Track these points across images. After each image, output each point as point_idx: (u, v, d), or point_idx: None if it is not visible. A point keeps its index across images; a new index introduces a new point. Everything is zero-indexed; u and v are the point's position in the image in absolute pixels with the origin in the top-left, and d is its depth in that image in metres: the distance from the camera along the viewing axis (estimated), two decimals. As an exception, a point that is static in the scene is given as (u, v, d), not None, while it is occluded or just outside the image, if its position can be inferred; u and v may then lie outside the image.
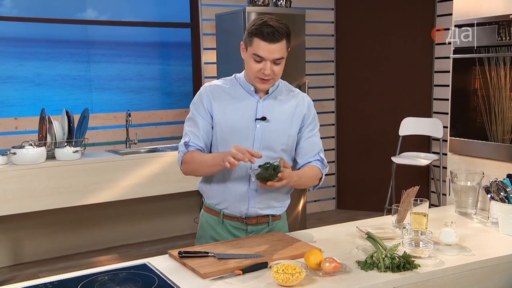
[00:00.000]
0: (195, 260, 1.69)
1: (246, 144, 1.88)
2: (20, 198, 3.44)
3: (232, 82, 1.97)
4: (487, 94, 2.28)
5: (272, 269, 1.55)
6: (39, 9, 4.32)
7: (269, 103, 1.93)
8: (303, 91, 4.42)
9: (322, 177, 2.02)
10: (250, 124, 1.90)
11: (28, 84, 4.40)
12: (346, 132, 5.29)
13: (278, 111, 1.93)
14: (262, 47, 1.80)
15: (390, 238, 1.93)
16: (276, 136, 1.92)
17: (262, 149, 1.90)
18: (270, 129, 1.91)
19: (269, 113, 1.91)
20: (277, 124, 1.92)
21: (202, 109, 1.93)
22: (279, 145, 1.93)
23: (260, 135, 1.90)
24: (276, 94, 1.95)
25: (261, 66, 1.82)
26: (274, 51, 1.80)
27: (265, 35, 1.79)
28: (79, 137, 3.77)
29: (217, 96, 1.93)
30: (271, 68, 1.82)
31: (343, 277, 1.60)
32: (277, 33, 1.80)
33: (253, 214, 1.96)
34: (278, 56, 1.82)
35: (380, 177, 4.93)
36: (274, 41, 1.80)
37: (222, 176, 1.93)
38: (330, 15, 5.19)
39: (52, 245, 3.97)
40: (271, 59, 1.81)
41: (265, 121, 1.90)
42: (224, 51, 4.49)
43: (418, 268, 1.65)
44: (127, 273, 1.59)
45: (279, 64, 1.84)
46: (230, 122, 1.90)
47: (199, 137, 1.92)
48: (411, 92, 5.04)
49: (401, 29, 5.00)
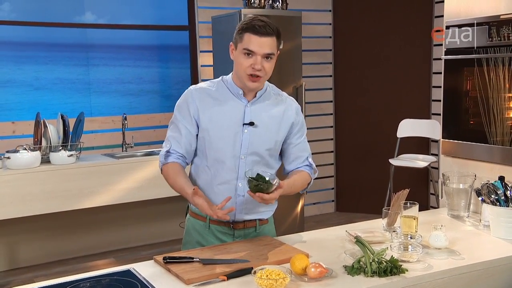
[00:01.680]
0: (180, 265, 1.68)
1: (233, 149, 1.86)
2: (15, 202, 3.44)
3: (219, 84, 1.94)
4: (479, 96, 2.25)
5: (256, 275, 1.53)
6: (37, 13, 4.32)
7: (257, 107, 1.91)
8: (300, 93, 4.47)
9: (310, 182, 2.01)
10: (238, 129, 1.87)
11: (26, 88, 4.41)
12: (345, 134, 5.27)
13: (266, 116, 1.91)
14: (253, 40, 1.78)
15: (379, 242, 1.91)
16: (263, 141, 1.90)
17: (249, 154, 1.88)
18: (258, 134, 1.89)
19: (257, 117, 1.89)
20: (265, 129, 1.90)
21: (187, 114, 1.89)
22: (265, 150, 1.91)
23: (247, 140, 1.88)
24: (264, 98, 1.93)
25: (251, 61, 1.80)
26: (265, 45, 1.79)
27: (256, 28, 1.78)
28: (74, 141, 3.77)
29: (203, 100, 1.89)
30: (261, 63, 1.80)
31: (329, 282, 1.58)
32: (268, 27, 1.80)
33: (240, 219, 1.94)
34: (269, 50, 1.80)
35: (379, 179, 4.90)
36: (265, 35, 1.78)
37: (210, 181, 1.91)
38: (328, 17, 5.17)
39: (48, 250, 3.97)
40: (262, 53, 1.79)
41: (252, 126, 1.88)
42: (220, 54, 4.48)
43: (406, 273, 1.63)
44: (110, 280, 1.57)
45: (269, 61, 1.82)
46: (217, 127, 1.87)
47: (180, 144, 1.90)
48: (410, 93, 5.01)
49: (399, 30, 4.97)
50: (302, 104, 4.40)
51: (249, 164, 1.88)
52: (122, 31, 4.66)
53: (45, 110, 4.12)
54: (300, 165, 1.99)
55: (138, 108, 4.72)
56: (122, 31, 4.66)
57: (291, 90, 4.40)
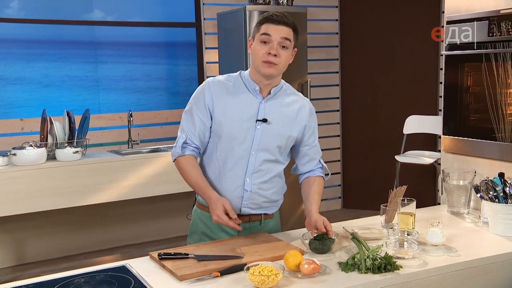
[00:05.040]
0: (175, 262, 1.69)
1: (245, 145, 1.89)
2: (21, 199, 3.48)
3: (236, 79, 1.95)
4: (480, 92, 2.22)
5: (249, 271, 1.54)
6: (46, 11, 4.36)
7: (272, 104, 1.93)
8: (305, 90, 4.46)
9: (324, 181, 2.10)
10: (251, 125, 1.89)
11: (36, 85, 4.45)
12: (351, 131, 5.24)
13: (280, 113, 1.93)
14: (271, 28, 1.83)
15: (376, 238, 1.91)
16: (274, 138, 1.92)
17: (260, 150, 1.90)
18: (270, 131, 1.91)
19: (271, 114, 1.91)
20: (277, 126, 1.92)
21: (202, 105, 1.91)
22: (276, 147, 1.93)
23: (259, 137, 1.90)
24: (279, 95, 1.95)
25: (267, 48, 1.83)
26: (282, 31, 1.82)
27: (274, 17, 1.84)
28: (80, 138, 3.80)
29: (219, 93, 1.91)
30: (277, 50, 1.82)
31: (322, 278, 1.58)
32: (286, 18, 1.85)
33: (246, 213, 1.96)
34: (286, 35, 1.83)
35: (386, 176, 4.88)
36: (282, 23, 1.84)
37: (218, 175, 1.93)
38: (335, 12, 5.15)
39: (55, 246, 4.01)
40: (278, 39, 1.82)
41: (266, 123, 1.90)
42: (225, 50, 4.49)
43: (400, 269, 1.62)
44: (104, 275, 1.59)
45: (285, 50, 1.84)
46: (230, 121, 1.89)
47: (195, 135, 1.94)
48: (417, 89, 4.97)
49: (407, 26, 4.93)
50: (307, 100, 4.39)
51: (259, 160, 1.90)
52: (130, 28, 4.69)
53: (53, 107, 4.15)
54: (314, 167, 2.06)
55: (146, 105, 4.75)
56: (130, 28, 4.68)
57: (297, 87, 4.39)
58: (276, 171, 1.97)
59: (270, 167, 1.94)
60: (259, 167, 1.92)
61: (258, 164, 1.91)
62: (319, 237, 1.80)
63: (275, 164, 1.95)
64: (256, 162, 1.90)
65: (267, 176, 1.95)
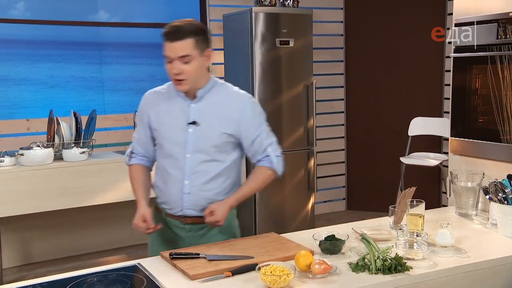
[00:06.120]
0: (186, 261, 1.70)
1: (180, 148, 1.94)
2: (28, 198, 3.49)
3: (169, 86, 2.02)
4: (489, 94, 2.23)
5: (261, 271, 1.55)
6: (51, 12, 4.37)
7: (200, 105, 1.94)
8: (310, 91, 4.47)
9: (275, 169, 2.01)
10: (183, 128, 1.94)
11: (41, 86, 4.46)
12: (356, 133, 5.25)
13: (210, 113, 1.93)
14: (167, 47, 1.85)
15: (385, 239, 1.91)
16: (207, 139, 1.93)
17: (194, 152, 1.93)
18: (202, 132, 1.93)
19: (200, 116, 1.93)
20: (208, 126, 1.93)
21: (141, 118, 2.04)
22: (212, 147, 1.94)
23: (192, 140, 1.93)
24: (208, 96, 1.95)
25: (170, 66, 1.86)
26: (177, 49, 1.82)
27: (166, 35, 1.85)
28: (86, 138, 3.81)
29: (152, 103, 2.00)
30: (179, 67, 1.84)
31: (333, 278, 1.59)
32: (179, 32, 1.83)
33: (189, 214, 1.98)
34: (182, 53, 1.83)
35: (390, 178, 4.88)
36: (175, 40, 1.83)
37: (163, 180, 2.01)
38: (340, 14, 5.16)
39: (61, 246, 4.03)
40: (175, 57, 1.84)
41: (196, 125, 1.93)
42: (231, 52, 4.50)
43: (410, 270, 1.63)
44: (117, 275, 1.60)
45: (188, 63, 1.85)
46: (164, 128, 1.97)
47: (140, 144, 2.07)
48: (422, 91, 4.98)
49: (412, 28, 4.94)
50: (312, 102, 4.41)
51: (195, 161, 1.93)
52: (135, 29, 4.70)
53: (59, 108, 4.16)
54: (260, 157, 2.01)
55: (151, 106, 4.75)
56: (135, 29, 4.69)
57: (302, 88, 4.40)
58: (215, 171, 1.95)
59: (209, 167, 1.95)
60: (196, 169, 1.94)
61: (195, 166, 1.93)
62: (329, 237, 1.81)
63: (213, 164, 1.95)
64: (192, 164, 1.93)
65: (207, 177, 1.95)
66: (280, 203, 4.41)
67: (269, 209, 4.37)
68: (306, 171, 4.47)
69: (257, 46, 4.19)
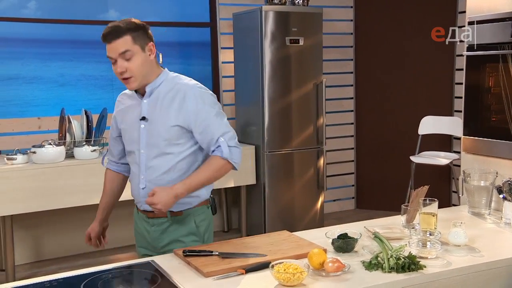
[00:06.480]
0: (199, 259, 1.71)
1: (135, 145, 1.99)
2: (40, 196, 3.52)
3: None
4: (502, 92, 2.22)
5: (274, 269, 1.55)
6: (62, 11, 4.40)
7: (150, 101, 1.96)
8: (320, 90, 4.47)
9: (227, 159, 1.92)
10: (136, 125, 1.97)
11: (52, 84, 4.49)
12: (366, 131, 5.24)
13: (158, 109, 1.94)
14: (107, 48, 1.87)
15: (398, 238, 1.91)
16: (157, 133, 1.93)
17: (147, 148, 1.95)
18: (151, 127, 1.95)
19: (150, 112, 1.95)
20: (157, 122, 1.94)
21: (113, 121, 2.11)
22: (163, 141, 1.93)
23: (144, 135, 1.96)
24: (158, 91, 1.95)
25: (115, 67, 1.89)
26: (116, 47, 1.84)
27: (104, 37, 1.87)
28: (97, 137, 3.84)
29: (119, 104, 2.08)
30: (122, 65, 1.85)
31: (346, 277, 1.59)
32: (115, 31, 1.84)
33: (148, 209, 1.97)
34: (122, 49, 1.84)
35: (400, 177, 4.87)
36: (113, 39, 1.84)
37: (129, 178, 2.10)
38: (349, 13, 5.15)
39: (72, 243, 4.05)
40: (116, 57, 1.85)
41: (145, 121, 1.95)
42: (241, 50, 4.50)
43: (424, 269, 1.63)
44: (131, 271, 1.61)
45: (130, 59, 1.85)
46: (125, 126, 2.03)
47: (113, 150, 2.16)
48: (432, 90, 4.95)
49: (422, 26, 4.91)
50: (322, 100, 4.40)
51: (148, 157, 1.95)
52: (145, 28, 4.70)
53: (69, 106, 4.19)
54: (213, 148, 1.93)
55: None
56: (144, 28, 4.70)
57: (312, 87, 4.40)
58: (169, 165, 1.93)
59: (162, 161, 1.94)
60: (150, 164, 1.96)
61: (149, 161, 1.95)
62: (342, 236, 1.81)
63: (167, 158, 1.94)
64: (146, 159, 1.96)
65: (160, 171, 1.94)
66: (289, 202, 4.41)
67: (279, 207, 4.38)
68: (316, 170, 4.47)
69: (267, 45, 4.19)
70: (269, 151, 4.29)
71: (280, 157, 4.34)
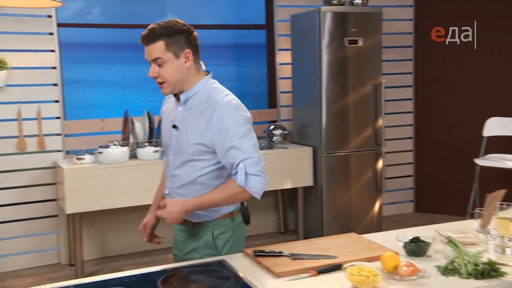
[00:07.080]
0: (270, 259, 1.72)
1: (167, 149, 1.99)
2: (106, 194, 3.65)
3: None
4: None
5: (347, 271, 1.53)
6: (124, 16, 4.54)
7: (184, 110, 1.91)
8: (379, 91, 4.38)
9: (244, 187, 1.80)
10: (170, 131, 1.96)
11: (113, 87, 4.64)
12: (425, 133, 5.10)
13: (189, 119, 1.88)
14: (145, 50, 1.86)
15: (472, 243, 1.84)
16: (184, 144, 1.88)
17: (175, 155, 1.93)
18: (180, 137, 1.91)
19: (182, 121, 1.90)
20: (185, 133, 1.88)
21: (161, 115, 2.11)
22: (187, 154, 1.88)
23: (174, 143, 1.94)
24: (191, 102, 1.89)
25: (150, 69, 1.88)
26: (149, 52, 1.83)
27: (141, 39, 1.85)
28: (159, 137, 3.93)
29: (166, 102, 2.08)
30: (154, 70, 1.84)
31: (422, 281, 1.55)
32: (149, 35, 1.81)
33: None
34: (154, 56, 1.81)
35: (462, 180, 4.70)
36: (148, 43, 1.82)
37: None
38: (409, 12, 5.03)
39: (136, 240, 4.16)
40: (149, 60, 1.85)
41: (176, 129, 1.92)
42: (299, 52, 4.50)
43: (505, 276, 1.56)
44: (204, 269, 1.64)
45: (161, 65, 1.82)
46: (162, 128, 2.06)
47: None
48: (498, 89, 4.75)
49: (487, 22, 4.73)
50: (381, 102, 4.33)
51: (175, 164, 1.92)
52: (201, 31, 4.75)
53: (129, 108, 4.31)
54: (234, 171, 1.82)
55: (216, 106, 4.82)
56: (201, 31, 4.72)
57: (370, 88, 4.33)
58: (190, 178, 1.88)
59: (184, 173, 1.89)
60: (174, 172, 1.93)
61: (173, 169, 1.93)
62: (414, 239, 1.77)
63: (188, 170, 1.88)
64: (172, 167, 1.94)
65: (182, 182, 1.90)
66: (347, 204, 4.36)
67: (336, 209, 4.33)
68: (374, 172, 4.40)
69: (325, 46, 4.16)
70: (326, 152, 4.25)
71: (337, 158, 4.30)
